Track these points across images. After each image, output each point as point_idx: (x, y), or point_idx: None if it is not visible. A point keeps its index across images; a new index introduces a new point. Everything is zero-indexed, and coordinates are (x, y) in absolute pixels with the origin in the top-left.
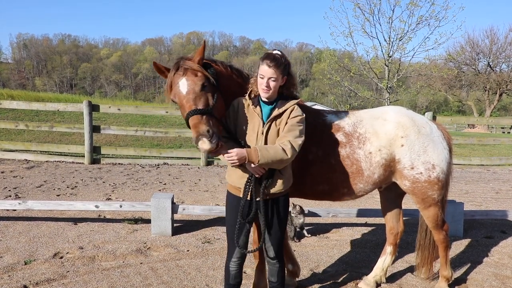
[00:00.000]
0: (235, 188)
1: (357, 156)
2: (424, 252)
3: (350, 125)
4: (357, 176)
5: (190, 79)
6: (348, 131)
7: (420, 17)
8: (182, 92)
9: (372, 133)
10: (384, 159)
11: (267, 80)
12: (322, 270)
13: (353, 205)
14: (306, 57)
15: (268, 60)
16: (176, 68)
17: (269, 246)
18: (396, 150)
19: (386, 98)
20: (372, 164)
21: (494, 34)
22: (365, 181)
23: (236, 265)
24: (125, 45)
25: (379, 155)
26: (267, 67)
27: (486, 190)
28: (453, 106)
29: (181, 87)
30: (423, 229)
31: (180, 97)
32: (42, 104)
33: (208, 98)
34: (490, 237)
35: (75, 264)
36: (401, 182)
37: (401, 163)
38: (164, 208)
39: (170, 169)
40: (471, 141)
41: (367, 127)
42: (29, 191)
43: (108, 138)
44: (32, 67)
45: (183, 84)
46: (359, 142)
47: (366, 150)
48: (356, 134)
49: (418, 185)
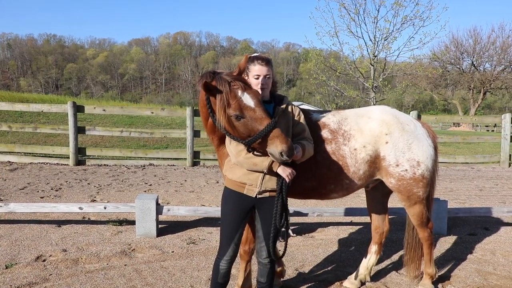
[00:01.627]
0: (238, 184)
1: (342, 152)
2: (412, 251)
3: (335, 123)
4: (343, 172)
5: (251, 93)
6: (333, 128)
7: (405, 17)
8: (252, 104)
9: (356, 130)
10: (369, 155)
11: (263, 78)
12: (308, 269)
13: (339, 204)
14: (293, 57)
15: (260, 60)
16: (229, 83)
17: (262, 247)
18: (380, 147)
19: (372, 98)
20: (358, 161)
21: (477, 34)
22: (351, 177)
23: (226, 264)
24: (111, 45)
25: (364, 151)
26: (261, 66)
27: (470, 188)
28: (438, 105)
29: (248, 100)
30: (410, 227)
31: (251, 108)
32: (25, 105)
33: None
34: (474, 234)
35: (58, 267)
36: (387, 179)
37: (386, 160)
38: (148, 209)
39: (156, 170)
40: (455, 139)
41: (352, 125)
42: (12, 193)
43: (93, 139)
44: (16, 67)
45: (247, 98)
46: (344, 139)
47: (351, 147)
48: (341, 131)
49: (404, 182)
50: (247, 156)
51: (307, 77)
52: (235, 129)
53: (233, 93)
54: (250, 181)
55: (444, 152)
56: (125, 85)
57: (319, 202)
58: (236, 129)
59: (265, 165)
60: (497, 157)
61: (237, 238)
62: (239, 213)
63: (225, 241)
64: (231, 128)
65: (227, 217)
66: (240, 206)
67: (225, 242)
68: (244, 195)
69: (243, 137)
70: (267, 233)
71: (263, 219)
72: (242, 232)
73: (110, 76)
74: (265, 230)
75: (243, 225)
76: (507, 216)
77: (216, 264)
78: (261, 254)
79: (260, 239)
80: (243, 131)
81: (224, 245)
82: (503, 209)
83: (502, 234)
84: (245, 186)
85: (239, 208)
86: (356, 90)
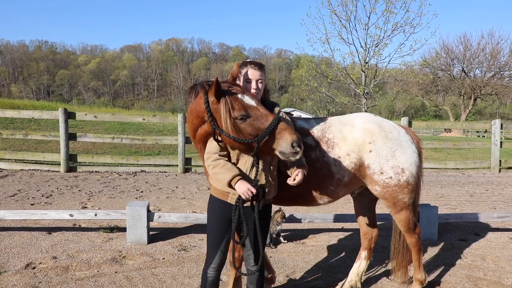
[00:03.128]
0: (223, 193)
1: (326, 159)
2: (399, 256)
3: (319, 130)
4: (328, 179)
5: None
6: (317, 136)
7: (396, 23)
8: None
9: (340, 138)
10: (353, 163)
11: (255, 83)
12: (299, 276)
13: (330, 211)
14: (285, 63)
15: (253, 64)
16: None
17: (249, 255)
18: (364, 156)
19: (363, 104)
20: (342, 168)
21: (467, 41)
22: (336, 184)
23: (214, 272)
24: (103, 51)
25: (348, 159)
26: (254, 70)
27: (461, 194)
28: (430, 111)
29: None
30: (397, 232)
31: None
32: (16, 111)
33: None
34: (464, 240)
35: (48, 274)
36: (372, 187)
37: (371, 169)
38: (139, 216)
39: (147, 177)
40: (446, 145)
41: (336, 133)
42: (2, 200)
43: (85, 145)
44: (7, 73)
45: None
46: (328, 147)
47: (335, 154)
48: (324, 139)
49: (389, 189)
50: (214, 170)
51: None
52: (240, 132)
53: (234, 96)
54: (233, 191)
55: (435, 158)
56: (117, 91)
57: (310, 209)
58: (242, 132)
59: (226, 179)
60: (487, 163)
61: (223, 246)
62: (224, 221)
63: (212, 249)
64: (236, 133)
65: (213, 225)
66: (225, 215)
67: (212, 250)
68: (228, 204)
69: (250, 138)
70: (253, 241)
71: (248, 227)
72: (229, 240)
73: (102, 82)
74: (251, 238)
75: (230, 233)
76: (497, 222)
77: (204, 271)
78: (249, 262)
79: (247, 247)
80: (250, 131)
81: (211, 253)
82: (493, 215)
83: (492, 239)
84: (228, 194)
85: (224, 216)
86: (348, 96)
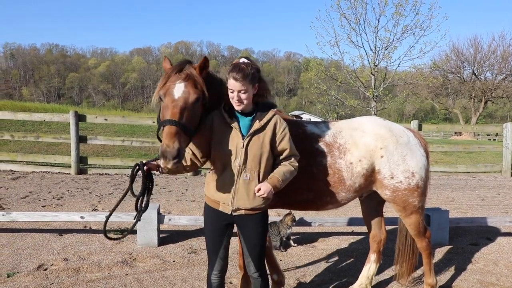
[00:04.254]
0: (213, 201)
1: (338, 165)
2: (404, 258)
3: (330, 136)
4: (339, 185)
5: (188, 88)
6: (329, 141)
7: (405, 26)
8: (174, 95)
9: (352, 144)
10: (365, 169)
11: (237, 94)
12: (309, 279)
13: (340, 214)
14: (294, 66)
15: (234, 73)
16: (179, 69)
17: (249, 262)
18: (376, 161)
19: (373, 107)
20: (354, 174)
21: (478, 43)
22: (347, 190)
23: (217, 278)
24: (113, 54)
25: (360, 165)
26: (234, 80)
27: (472, 197)
28: (440, 114)
29: (176, 90)
30: (402, 235)
31: (170, 98)
32: (28, 114)
33: (196, 115)
34: (476, 244)
35: (60, 276)
36: (382, 191)
37: (381, 173)
38: (150, 219)
39: (157, 179)
40: (457, 148)
41: (347, 138)
42: (14, 202)
43: (95, 148)
44: (19, 76)
45: (179, 88)
46: (339, 152)
47: (347, 160)
48: (336, 144)
49: (399, 193)
50: None
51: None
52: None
53: (169, 77)
54: (223, 199)
55: (446, 161)
56: (126, 94)
57: (320, 212)
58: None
59: None
60: (499, 167)
61: (221, 252)
62: (218, 228)
63: (211, 256)
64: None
65: (209, 232)
66: (218, 222)
67: (211, 256)
68: (220, 212)
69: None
70: (251, 248)
71: (244, 235)
72: (227, 246)
73: (111, 85)
74: (247, 245)
75: (227, 240)
76: (510, 226)
77: (208, 276)
78: (250, 269)
79: (246, 255)
80: (160, 115)
81: (211, 260)
82: (505, 219)
83: (505, 244)
84: (219, 203)
85: (218, 224)
86: (357, 99)
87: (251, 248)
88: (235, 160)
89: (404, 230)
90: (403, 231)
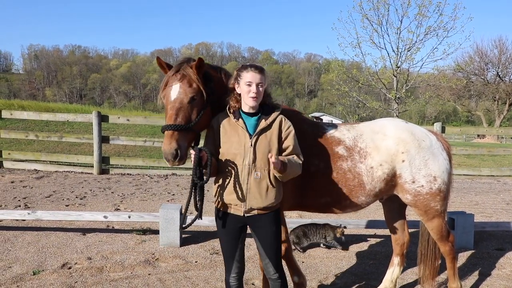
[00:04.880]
0: (224, 204)
1: (358, 170)
2: (427, 263)
3: (351, 139)
4: (359, 190)
5: (183, 88)
6: (349, 145)
7: (429, 27)
8: (171, 98)
9: (373, 147)
10: (386, 174)
11: (255, 86)
12: (331, 282)
13: (362, 216)
14: (314, 68)
15: (253, 67)
16: (176, 70)
17: (267, 263)
18: (397, 166)
19: (394, 109)
20: (374, 179)
21: (502, 44)
22: (367, 194)
23: (236, 280)
24: (134, 56)
25: (380, 169)
26: (254, 72)
27: (496, 201)
28: (462, 116)
29: (172, 92)
30: (424, 239)
31: (167, 101)
32: (52, 114)
33: (193, 112)
34: (501, 249)
35: (83, 275)
36: (403, 195)
37: (402, 178)
38: (172, 219)
39: (178, 180)
40: (480, 151)
41: (368, 142)
42: (39, 201)
43: (117, 148)
44: (42, 77)
45: (175, 90)
46: (360, 157)
47: (367, 165)
48: (357, 148)
49: (420, 197)
50: None
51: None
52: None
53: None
54: (234, 201)
55: (469, 164)
56: (147, 95)
57: (341, 214)
58: None
59: None
60: None
61: (237, 255)
62: (231, 232)
63: (227, 259)
64: None
65: (222, 237)
66: (231, 225)
67: (227, 260)
68: (232, 215)
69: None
70: (268, 248)
71: (259, 236)
72: (243, 248)
73: (132, 86)
74: (263, 246)
75: (242, 242)
76: None
77: (226, 279)
78: (268, 271)
79: (263, 256)
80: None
81: (227, 263)
82: None
83: None
84: (231, 205)
85: (230, 227)
86: (378, 101)
87: (267, 249)
88: (244, 159)
89: (426, 234)
90: (425, 235)
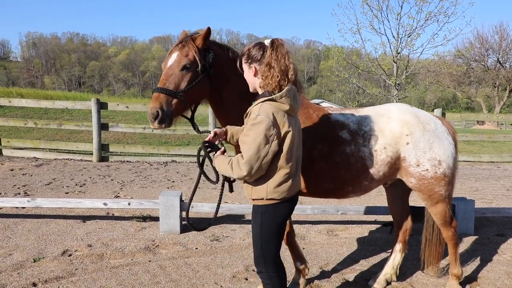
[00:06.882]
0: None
1: (362, 154)
2: (431, 248)
3: (355, 123)
4: (362, 174)
5: (178, 56)
6: (353, 129)
7: (429, 13)
8: (167, 65)
9: (377, 131)
10: (390, 157)
11: None
12: (332, 268)
13: (362, 202)
14: (314, 54)
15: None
16: (180, 41)
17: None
18: (401, 148)
19: (394, 95)
20: (378, 162)
21: (503, 30)
22: (370, 178)
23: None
24: (133, 43)
25: (384, 153)
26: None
27: (496, 187)
28: (461, 103)
29: (169, 60)
30: (429, 224)
31: (163, 68)
32: (50, 102)
33: (183, 80)
34: (502, 235)
35: (84, 261)
36: (407, 179)
37: (407, 161)
38: (172, 206)
39: (178, 167)
40: (480, 137)
41: (372, 125)
42: (38, 188)
43: (116, 135)
44: (41, 65)
45: (171, 58)
46: (364, 140)
47: (371, 148)
48: (361, 132)
49: (425, 181)
50: None
51: (328, 75)
52: None
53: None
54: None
55: (469, 150)
56: (146, 82)
57: (342, 200)
58: None
59: None
60: None
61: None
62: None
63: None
64: None
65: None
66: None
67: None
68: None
69: None
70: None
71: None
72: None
73: (131, 73)
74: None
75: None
76: None
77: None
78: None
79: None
80: None
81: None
82: None
83: None
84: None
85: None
86: (378, 87)
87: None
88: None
89: (431, 220)
90: (430, 221)
